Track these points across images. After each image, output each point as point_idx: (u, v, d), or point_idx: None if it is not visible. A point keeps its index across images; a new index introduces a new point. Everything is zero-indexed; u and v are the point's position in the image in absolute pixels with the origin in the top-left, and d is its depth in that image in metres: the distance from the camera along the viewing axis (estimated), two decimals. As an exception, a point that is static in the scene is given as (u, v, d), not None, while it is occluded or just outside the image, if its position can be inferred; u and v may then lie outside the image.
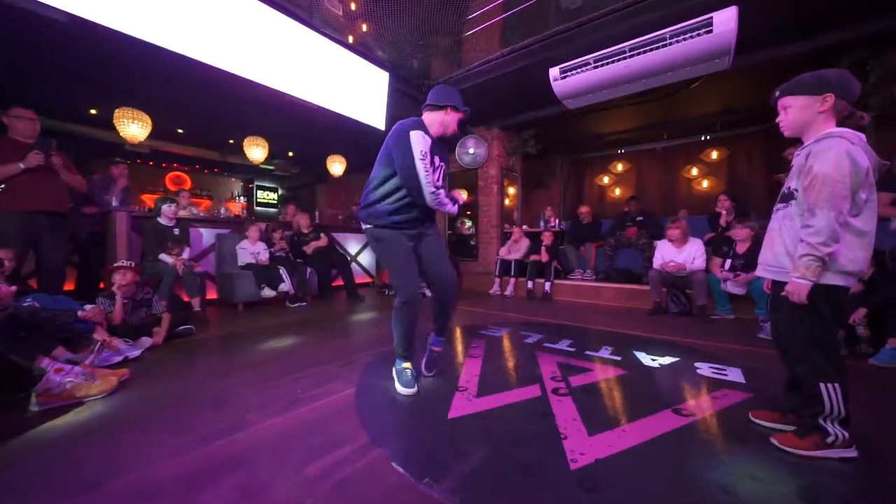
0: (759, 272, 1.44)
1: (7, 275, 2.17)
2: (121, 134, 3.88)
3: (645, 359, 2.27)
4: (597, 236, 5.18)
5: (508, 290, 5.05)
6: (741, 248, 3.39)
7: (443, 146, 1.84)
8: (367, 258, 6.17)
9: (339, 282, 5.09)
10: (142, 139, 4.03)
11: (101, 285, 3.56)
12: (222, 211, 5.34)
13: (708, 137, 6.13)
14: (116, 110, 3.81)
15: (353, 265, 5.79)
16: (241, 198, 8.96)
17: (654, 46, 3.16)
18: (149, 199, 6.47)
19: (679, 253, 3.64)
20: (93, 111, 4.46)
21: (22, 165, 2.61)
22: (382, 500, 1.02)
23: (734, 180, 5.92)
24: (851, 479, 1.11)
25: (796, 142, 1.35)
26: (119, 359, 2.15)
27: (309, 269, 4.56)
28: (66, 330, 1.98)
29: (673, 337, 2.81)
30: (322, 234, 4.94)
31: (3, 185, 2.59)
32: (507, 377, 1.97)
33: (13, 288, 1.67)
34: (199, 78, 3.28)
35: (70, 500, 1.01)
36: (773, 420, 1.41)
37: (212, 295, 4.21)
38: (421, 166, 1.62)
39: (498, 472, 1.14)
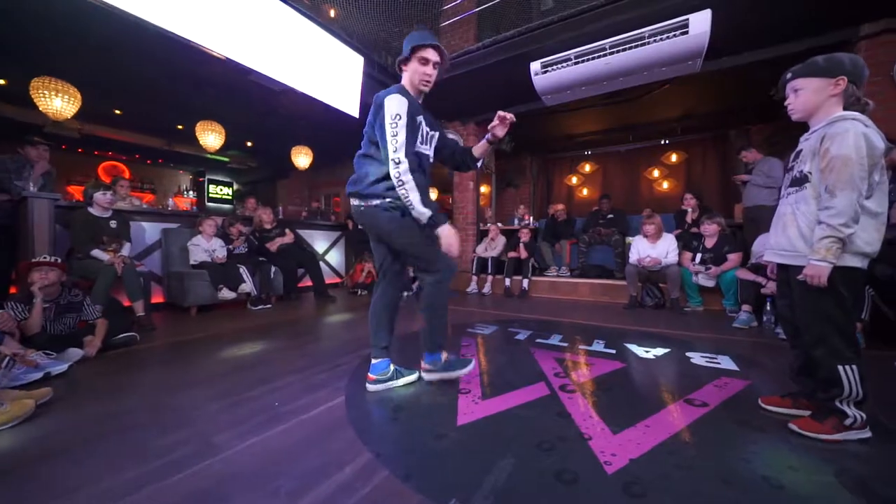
0: (769, 257, 1.42)
1: None
2: (41, 108, 3.24)
3: (638, 351, 2.26)
4: (571, 233, 5.26)
5: (486, 288, 4.97)
6: (710, 243, 3.56)
7: (430, 114, 1.63)
8: (335, 257, 5.81)
9: (307, 282, 4.72)
10: (68, 115, 3.40)
11: (13, 290, 2.96)
12: (170, 204, 4.73)
13: (667, 141, 6.50)
14: (34, 80, 3.18)
15: (321, 264, 5.41)
16: (191, 192, 8.14)
17: (633, 45, 3.23)
18: (77, 191, 5.61)
19: (654, 248, 3.75)
20: (2, 81, 3.71)
21: None
22: (405, 532, 0.83)
23: (691, 181, 6.31)
24: (876, 460, 1.11)
25: (750, 145, 1.35)
26: (38, 376, 1.74)
27: (273, 268, 4.16)
28: (-39, 342, 1.55)
29: (657, 329, 2.85)
30: (287, 230, 4.55)
31: None
32: (509, 376, 1.84)
33: None
34: (143, 44, 2.82)
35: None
36: (785, 406, 1.40)
37: (158, 298, 3.69)
38: (389, 129, 1.44)
39: (531, 484, 0.99)
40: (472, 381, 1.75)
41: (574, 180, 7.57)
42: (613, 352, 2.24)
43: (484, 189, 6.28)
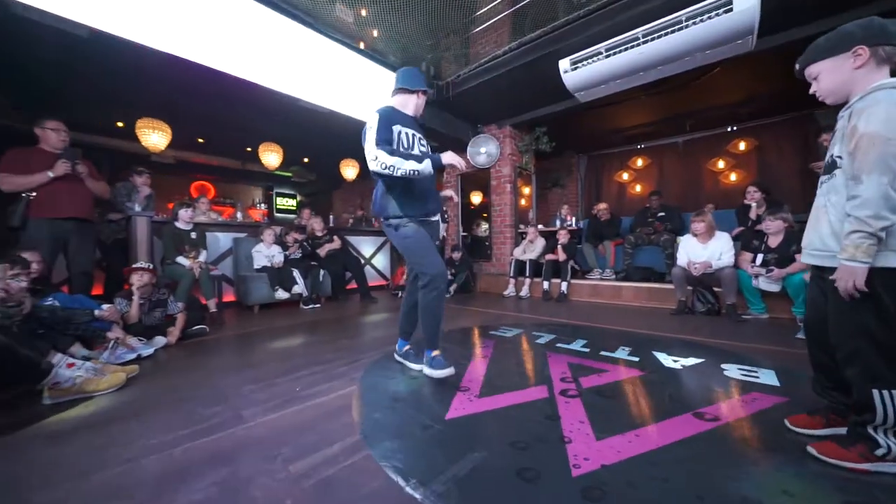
0: (803, 258, 1.25)
1: (35, 278, 2.28)
2: (142, 143, 4.07)
3: (666, 360, 2.11)
4: (615, 234, 4.97)
5: (523, 292, 4.91)
6: (773, 242, 3.14)
7: (418, 124, 1.92)
8: (381, 261, 6.18)
9: (354, 284, 5.12)
10: (162, 148, 4.21)
11: (126, 286, 3.72)
12: (238, 216, 5.49)
13: (735, 128, 5.79)
14: (139, 121, 4.01)
15: (368, 268, 5.81)
16: (262, 205, 9.23)
17: (669, 30, 3.00)
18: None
19: (704, 248, 3.41)
20: (119, 124, 4.72)
21: (50, 174, 2.75)
22: (364, 501, 0.95)
23: (764, 171, 5.54)
24: (906, 497, 0.95)
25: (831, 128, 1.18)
26: (133, 356, 2.21)
27: (322, 272, 4.60)
28: (82, 328, 2.05)
29: (699, 338, 2.61)
30: (335, 237, 4.98)
31: (33, 194, 2.74)
32: (513, 377, 1.87)
33: (23, 284, 1.74)
34: (216, 86, 3.40)
35: (53, 491, 1.00)
36: (814, 426, 1.24)
37: (229, 297, 4.32)
38: (364, 138, 1.70)
39: (492, 476, 1.05)
40: (473, 380, 1.81)
41: (625, 176, 7.09)
42: (637, 360, 2.13)
43: (526, 189, 6.20)
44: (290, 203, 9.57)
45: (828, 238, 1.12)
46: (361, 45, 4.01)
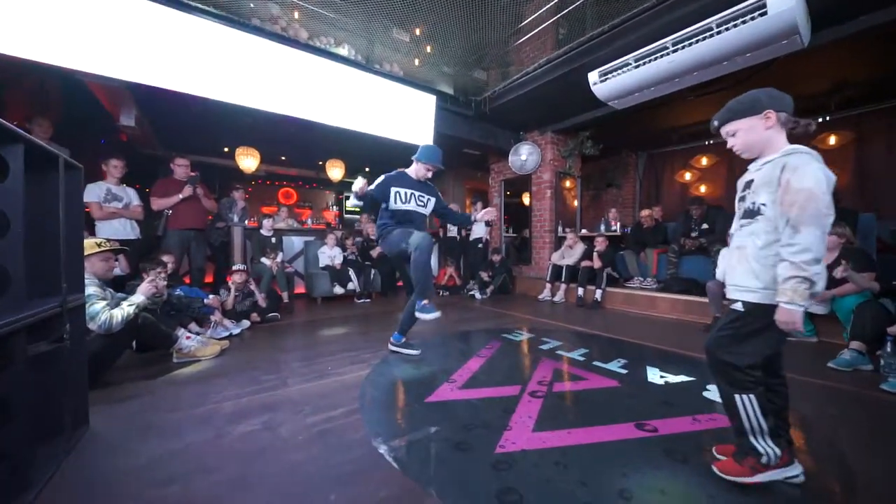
0: (730, 293, 1.36)
1: (169, 273, 3.25)
2: (239, 166, 5.18)
3: (653, 375, 2.21)
4: (661, 241, 4.76)
5: (558, 297, 5.01)
6: (826, 259, 2.85)
7: (422, 185, 2.63)
8: (428, 261, 6.72)
9: (402, 282, 5.74)
10: (253, 169, 5.30)
11: (228, 279, 4.83)
12: (309, 222, 6.51)
13: (828, 118, 5.00)
14: (237, 149, 5.11)
15: (415, 267, 6.40)
16: (334, 207, 10.53)
17: (699, 38, 2.90)
18: (266, 210, 8.24)
19: (743, 263, 3.20)
20: (225, 149, 6.03)
21: (181, 196, 3.79)
22: (343, 447, 1.42)
23: (864, 167, 4.72)
24: (777, 509, 1.09)
25: None
26: (226, 333, 3.04)
27: (374, 271, 5.30)
28: (196, 311, 2.91)
29: (711, 356, 2.57)
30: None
31: (171, 211, 3.80)
32: (497, 376, 2.19)
33: (165, 282, 2.58)
34: (291, 123, 4.24)
35: (175, 414, 1.67)
36: (728, 453, 1.36)
37: (300, 290, 5.25)
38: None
39: (436, 444, 1.43)
40: (463, 375, 2.18)
41: (687, 176, 6.55)
42: (624, 372, 2.26)
43: (571, 193, 6.16)
44: (357, 206, 10.71)
45: (748, 277, 1.25)
46: (416, 62, 4.50)
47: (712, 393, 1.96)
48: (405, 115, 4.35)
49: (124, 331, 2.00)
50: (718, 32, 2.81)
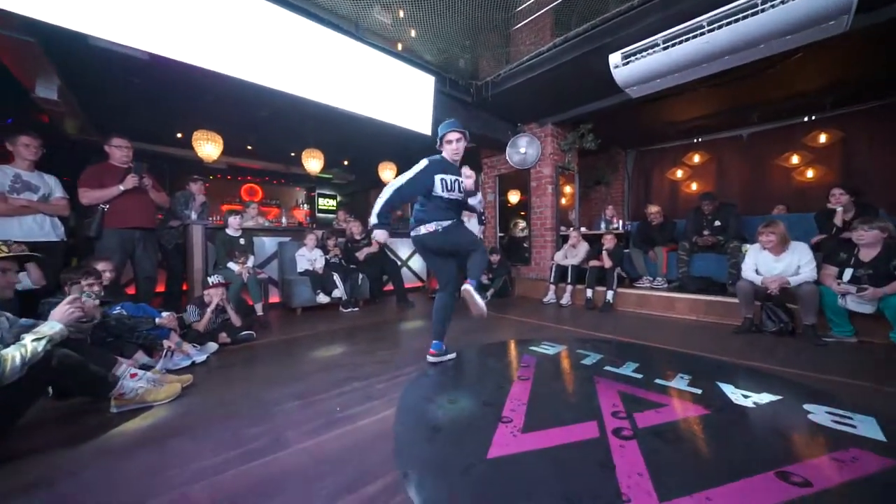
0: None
1: (105, 285, 2.48)
2: (197, 153, 4.36)
3: (734, 394, 1.87)
4: (669, 239, 4.58)
5: (565, 299, 4.68)
6: (867, 255, 2.71)
7: (457, 169, 2.35)
8: (417, 263, 6.19)
9: (390, 287, 5.16)
10: (215, 157, 4.48)
11: (185, 286, 4.00)
12: (283, 220, 5.73)
13: (814, 117, 5.10)
14: (195, 133, 4.28)
15: (404, 270, 5.84)
16: (305, 205, 9.64)
17: (741, 15, 2.65)
18: (228, 208, 7.26)
19: (777, 261, 3.02)
20: (179, 135, 5.11)
21: (121, 188, 2.99)
22: (406, 562, 0.90)
23: (850, 168, 4.84)
24: None
25: None
26: (187, 363, 2.35)
27: (361, 275, 4.68)
28: (144, 336, 2.20)
29: (771, 365, 2.30)
30: (373, 240, 5.04)
31: (107, 206, 2.99)
32: (560, 408, 1.75)
33: (97, 302, 1.88)
34: (261, 97, 3.54)
35: (116, 517, 1.05)
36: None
37: (275, 299, 4.52)
38: (406, 174, 2.20)
39: (543, 541, 0.95)
40: (517, 410, 1.71)
41: (679, 174, 6.53)
42: (699, 392, 1.91)
43: (568, 189, 5.91)
44: (331, 203, 9.90)
45: None
46: (399, 47, 3.97)
47: (817, 415, 1.64)
48: (400, 97, 3.80)
49: (29, 378, 1.32)
50: (764, 9, 2.56)
